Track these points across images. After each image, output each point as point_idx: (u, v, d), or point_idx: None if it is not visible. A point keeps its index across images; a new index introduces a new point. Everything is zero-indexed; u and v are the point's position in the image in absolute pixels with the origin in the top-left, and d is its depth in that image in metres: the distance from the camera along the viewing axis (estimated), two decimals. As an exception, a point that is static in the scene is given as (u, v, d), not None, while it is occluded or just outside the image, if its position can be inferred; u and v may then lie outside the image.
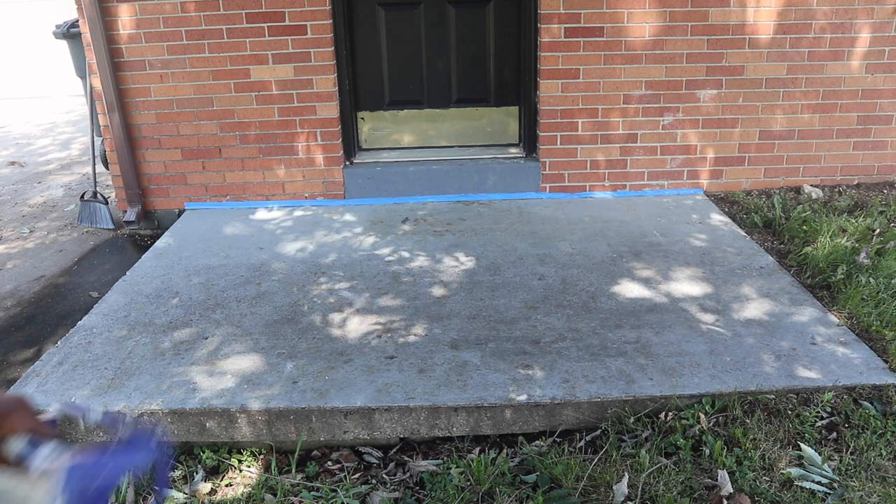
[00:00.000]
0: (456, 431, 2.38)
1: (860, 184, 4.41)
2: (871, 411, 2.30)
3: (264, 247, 3.69)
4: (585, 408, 2.36)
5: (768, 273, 3.22)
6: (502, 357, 2.59)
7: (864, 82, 4.18)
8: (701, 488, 2.07)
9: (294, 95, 4.15)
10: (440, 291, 3.13)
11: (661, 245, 3.57)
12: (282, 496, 2.15)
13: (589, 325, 2.81)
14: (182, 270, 3.44)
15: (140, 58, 4.07)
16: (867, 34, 4.08)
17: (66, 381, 2.50)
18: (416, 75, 4.38)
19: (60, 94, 9.66)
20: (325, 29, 4.02)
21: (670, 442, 2.23)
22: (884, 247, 3.34)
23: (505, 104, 4.45)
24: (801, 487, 2.03)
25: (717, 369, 2.49)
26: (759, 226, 3.85)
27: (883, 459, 2.12)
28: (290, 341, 2.75)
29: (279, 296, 3.13)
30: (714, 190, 4.38)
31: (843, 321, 2.81)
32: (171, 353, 2.69)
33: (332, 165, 4.31)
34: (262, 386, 2.45)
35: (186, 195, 4.37)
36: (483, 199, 4.30)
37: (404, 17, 4.25)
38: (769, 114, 4.23)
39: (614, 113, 4.19)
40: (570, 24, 4.00)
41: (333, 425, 2.35)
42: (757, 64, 4.11)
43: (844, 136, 4.31)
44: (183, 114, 4.18)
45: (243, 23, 4.00)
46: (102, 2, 3.91)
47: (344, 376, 2.49)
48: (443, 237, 3.75)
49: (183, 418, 2.36)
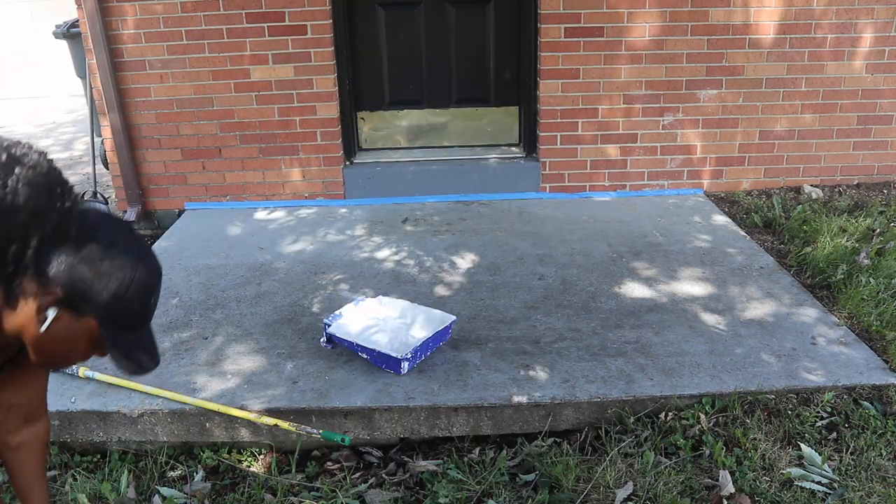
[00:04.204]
0: (456, 431, 2.38)
1: (860, 184, 4.41)
2: (871, 411, 2.30)
3: (264, 247, 3.69)
4: (585, 408, 2.36)
5: (768, 273, 3.22)
6: (502, 357, 2.59)
7: (865, 82, 4.18)
8: (701, 488, 2.07)
9: (294, 95, 4.15)
10: (440, 291, 3.13)
11: (662, 245, 3.57)
12: (282, 496, 2.15)
13: (589, 324, 2.81)
14: (182, 270, 3.44)
15: (140, 58, 4.07)
16: (867, 34, 4.08)
17: (66, 382, 2.50)
18: (416, 75, 4.38)
19: (61, 94, 9.66)
20: (325, 29, 4.02)
21: (670, 442, 2.23)
22: (884, 247, 3.34)
23: (505, 104, 4.45)
24: (801, 487, 2.03)
25: (717, 369, 2.49)
26: (759, 226, 3.85)
27: (883, 459, 2.12)
28: (290, 341, 2.75)
29: (279, 296, 3.13)
30: (714, 190, 4.38)
31: (844, 321, 2.81)
32: (171, 353, 2.69)
33: (332, 165, 4.31)
34: (262, 386, 2.45)
35: (186, 195, 4.37)
36: (483, 199, 4.30)
37: (404, 17, 4.25)
38: (769, 114, 4.23)
39: (614, 113, 4.19)
40: (570, 24, 3.99)
41: (333, 425, 2.35)
42: (757, 64, 4.11)
43: (844, 137, 4.31)
44: (183, 114, 4.18)
45: (243, 23, 4.00)
46: (102, 2, 3.91)
47: (344, 376, 2.49)
48: (443, 237, 3.75)
49: (183, 418, 2.36)
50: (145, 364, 1.12)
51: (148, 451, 2.39)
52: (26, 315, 1.03)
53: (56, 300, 1.01)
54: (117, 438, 2.40)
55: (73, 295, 1.01)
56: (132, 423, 2.36)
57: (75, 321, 1.04)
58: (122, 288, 1.02)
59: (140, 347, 1.12)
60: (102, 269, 1.01)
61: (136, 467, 2.35)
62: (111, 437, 2.40)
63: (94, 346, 1.10)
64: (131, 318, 1.07)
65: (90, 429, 2.38)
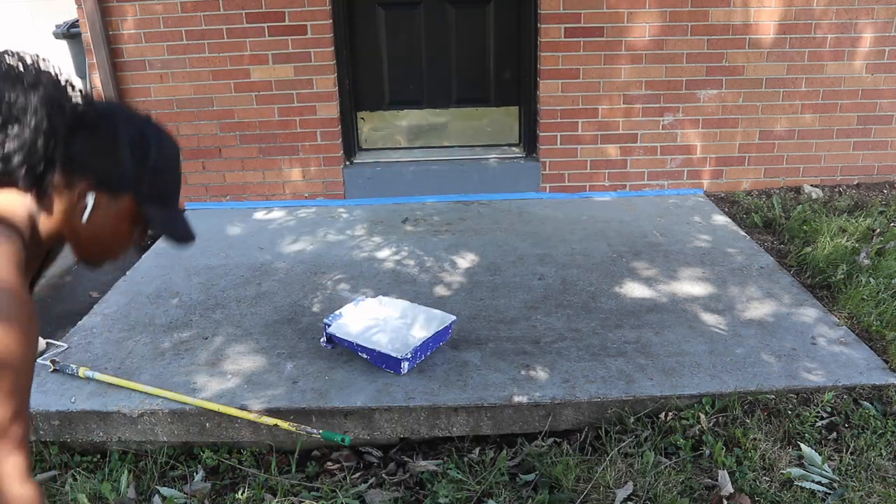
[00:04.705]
0: (456, 431, 2.38)
1: (860, 184, 4.41)
2: (871, 411, 2.30)
3: (264, 247, 3.69)
4: (585, 408, 2.36)
5: (768, 273, 3.22)
6: (502, 357, 2.59)
7: (865, 82, 4.18)
8: (701, 488, 2.07)
9: (294, 95, 4.15)
10: (440, 291, 3.13)
11: (661, 245, 3.57)
12: (282, 496, 2.15)
13: (589, 324, 2.81)
14: (182, 270, 3.44)
15: (140, 58, 4.07)
16: (867, 34, 4.08)
17: (66, 382, 2.50)
18: (416, 75, 4.38)
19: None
20: (325, 29, 4.02)
21: (670, 442, 2.23)
22: (884, 247, 3.34)
23: (505, 104, 4.45)
24: (801, 487, 2.03)
25: (717, 369, 2.49)
26: (759, 226, 3.85)
27: (883, 459, 2.12)
28: (290, 341, 2.75)
29: (279, 296, 3.13)
30: (714, 190, 4.38)
31: (844, 321, 2.81)
32: (172, 353, 2.69)
33: (332, 165, 4.31)
34: (262, 386, 2.45)
35: (186, 195, 4.37)
36: (483, 199, 4.30)
37: (404, 17, 4.25)
38: (769, 114, 4.23)
39: (614, 113, 4.19)
40: (570, 24, 3.99)
41: (333, 425, 2.35)
42: (757, 64, 4.11)
43: (844, 137, 4.31)
44: (183, 114, 4.18)
45: (243, 23, 4.00)
46: (102, 2, 3.91)
47: (344, 376, 2.49)
48: (443, 237, 3.75)
49: (183, 418, 2.36)
50: (191, 232, 1.16)
51: (148, 451, 2.39)
52: (65, 211, 1.05)
53: (90, 185, 1.04)
54: (117, 438, 2.40)
55: (105, 175, 1.04)
56: (132, 423, 2.37)
57: (113, 202, 1.07)
58: (150, 158, 1.07)
59: (180, 219, 1.16)
60: (126, 145, 1.05)
61: (136, 467, 2.35)
62: (111, 437, 2.40)
63: (136, 226, 1.13)
64: (164, 187, 1.11)
65: (90, 429, 2.38)
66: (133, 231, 1.14)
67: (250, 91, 4.14)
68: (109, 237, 1.11)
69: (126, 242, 1.15)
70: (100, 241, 1.11)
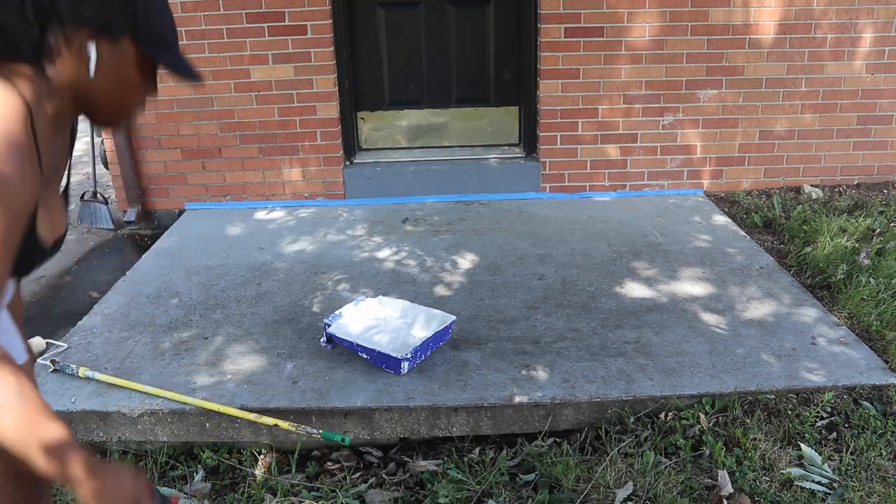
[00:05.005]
0: (456, 431, 2.38)
1: (860, 184, 4.41)
2: (871, 411, 2.30)
3: (264, 247, 3.69)
4: (585, 408, 2.36)
5: (768, 273, 3.22)
6: (502, 357, 2.59)
7: (865, 82, 4.18)
8: (701, 488, 2.07)
9: (294, 95, 4.15)
10: (440, 291, 3.13)
11: (661, 245, 3.57)
12: (282, 496, 2.15)
13: (589, 324, 2.81)
14: (182, 270, 3.44)
15: (140, 58, 4.06)
16: (867, 34, 4.08)
17: (66, 382, 2.50)
18: (416, 75, 4.38)
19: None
20: (325, 29, 4.02)
21: (670, 442, 2.23)
22: (884, 247, 3.34)
23: (505, 104, 4.45)
24: (801, 487, 2.03)
25: (717, 369, 2.49)
26: (759, 226, 3.85)
27: (883, 459, 2.12)
28: (290, 341, 2.75)
29: (279, 296, 3.13)
30: (714, 190, 4.38)
31: (844, 321, 2.81)
32: (172, 353, 2.69)
33: (332, 165, 4.31)
34: (262, 386, 2.45)
35: (186, 195, 4.37)
36: (483, 199, 4.30)
37: (404, 17, 4.25)
38: (769, 114, 4.23)
39: (614, 113, 4.19)
40: (570, 24, 4.00)
41: (333, 425, 2.35)
42: (757, 64, 4.11)
43: (844, 137, 4.31)
44: (183, 114, 4.18)
45: (243, 23, 4.01)
46: (102, 2, 3.91)
47: (344, 376, 2.49)
48: (443, 237, 3.75)
49: (183, 418, 2.36)
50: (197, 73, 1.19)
51: (148, 451, 2.40)
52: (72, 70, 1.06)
53: (88, 36, 1.05)
54: (117, 438, 2.40)
55: (97, 20, 1.05)
56: (132, 423, 2.37)
57: (115, 48, 1.08)
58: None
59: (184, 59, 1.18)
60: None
61: (136, 467, 2.35)
62: (111, 437, 2.40)
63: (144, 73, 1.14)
64: (160, 25, 1.12)
65: (90, 429, 2.38)
66: (142, 76, 1.14)
67: (250, 91, 4.14)
68: (121, 87, 1.12)
69: (139, 93, 1.16)
70: (113, 94, 1.12)
